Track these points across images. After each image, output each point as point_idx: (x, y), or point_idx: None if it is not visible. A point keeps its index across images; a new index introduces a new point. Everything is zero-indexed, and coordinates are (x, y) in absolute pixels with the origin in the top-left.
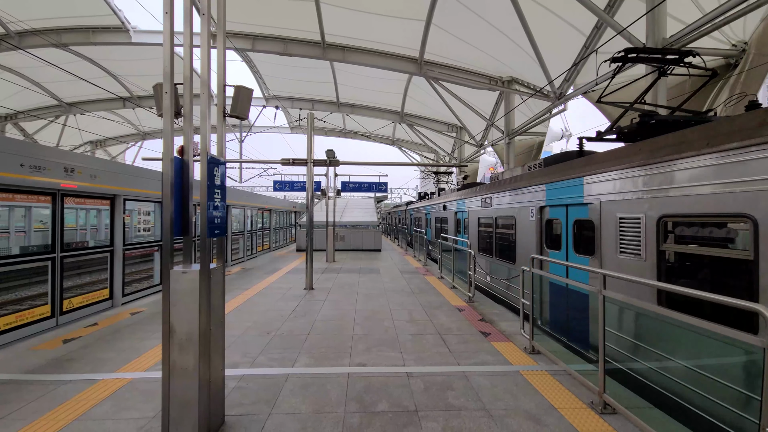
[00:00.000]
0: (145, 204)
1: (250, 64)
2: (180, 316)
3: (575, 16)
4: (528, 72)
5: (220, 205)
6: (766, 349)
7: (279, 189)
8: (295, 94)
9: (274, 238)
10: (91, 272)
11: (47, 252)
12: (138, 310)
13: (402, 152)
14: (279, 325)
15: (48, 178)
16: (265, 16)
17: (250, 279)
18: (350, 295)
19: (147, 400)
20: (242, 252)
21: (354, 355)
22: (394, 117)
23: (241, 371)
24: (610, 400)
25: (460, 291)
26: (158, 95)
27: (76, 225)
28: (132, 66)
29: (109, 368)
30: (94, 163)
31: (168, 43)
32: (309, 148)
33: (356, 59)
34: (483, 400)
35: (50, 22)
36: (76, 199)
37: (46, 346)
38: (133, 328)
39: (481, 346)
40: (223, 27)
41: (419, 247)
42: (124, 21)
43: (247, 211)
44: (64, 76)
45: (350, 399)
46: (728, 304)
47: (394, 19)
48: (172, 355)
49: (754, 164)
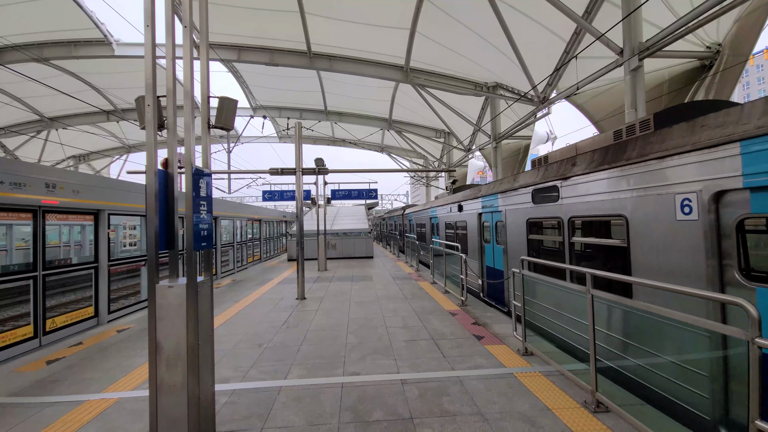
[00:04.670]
0: (130, 218)
1: (237, 74)
2: (167, 332)
3: (555, 23)
4: (512, 77)
5: (206, 217)
6: (751, 342)
7: (268, 199)
8: (283, 104)
9: (265, 249)
10: (75, 290)
11: (28, 270)
12: (125, 327)
13: (391, 159)
14: (271, 337)
15: (28, 195)
16: (251, 27)
17: (241, 291)
18: (343, 304)
19: (135, 420)
20: (232, 264)
21: (347, 364)
22: (382, 124)
23: (232, 386)
24: (602, 398)
25: (453, 295)
26: (140, 108)
27: (60, 242)
28: (115, 79)
29: (95, 388)
30: (77, 178)
31: (150, 56)
32: (297, 157)
33: (343, 68)
34: (478, 404)
35: (31, 36)
36: (58, 216)
37: (30, 368)
38: (120, 346)
39: (474, 350)
40: (206, 38)
41: (411, 253)
42: (107, 34)
43: (237, 222)
44: (45, 91)
45: (344, 409)
46: (713, 298)
47: (380, 28)
48: (160, 372)
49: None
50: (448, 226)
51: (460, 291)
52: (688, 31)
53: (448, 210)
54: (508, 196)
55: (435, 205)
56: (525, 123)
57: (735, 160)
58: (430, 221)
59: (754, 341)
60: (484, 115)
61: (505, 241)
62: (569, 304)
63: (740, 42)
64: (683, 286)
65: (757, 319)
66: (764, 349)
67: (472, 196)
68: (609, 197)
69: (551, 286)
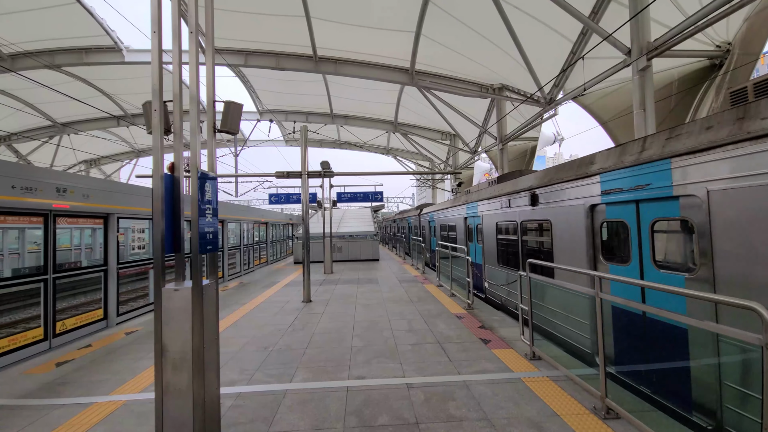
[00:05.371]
0: (139, 222)
1: (244, 79)
2: (173, 335)
3: (561, 24)
4: (518, 79)
5: (211, 221)
6: (765, 347)
7: (275, 202)
8: (289, 108)
9: (272, 252)
10: (85, 292)
11: (39, 273)
12: (133, 330)
13: (397, 161)
14: (277, 340)
15: (40, 199)
16: (257, 32)
17: (248, 293)
18: (348, 307)
19: (142, 423)
20: (239, 266)
21: (353, 367)
22: (387, 127)
23: (238, 389)
24: (612, 404)
25: (459, 298)
26: (147, 113)
27: (70, 245)
28: (126, 85)
29: (103, 391)
30: (87, 183)
31: (156, 62)
32: (303, 160)
33: (348, 71)
34: (484, 409)
35: (43, 44)
36: (69, 219)
37: (39, 370)
38: (128, 348)
39: (481, 354)
40: (212, 43)
41: (417, 256)
42: (117, 41)
43: (243, 225)
44: (57, 97)
45: (349, 413)
46: (727, 303)
47: (385, 31)
48: (166, 374)
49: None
50: (505, 230)
51: (467, 294)
52: (698, 30)
53: (504, 206)
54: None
55: (471, 201)
56: (531, 124)
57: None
58: (465, 223)
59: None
60: (490, 116)
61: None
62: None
63: (750, 40)
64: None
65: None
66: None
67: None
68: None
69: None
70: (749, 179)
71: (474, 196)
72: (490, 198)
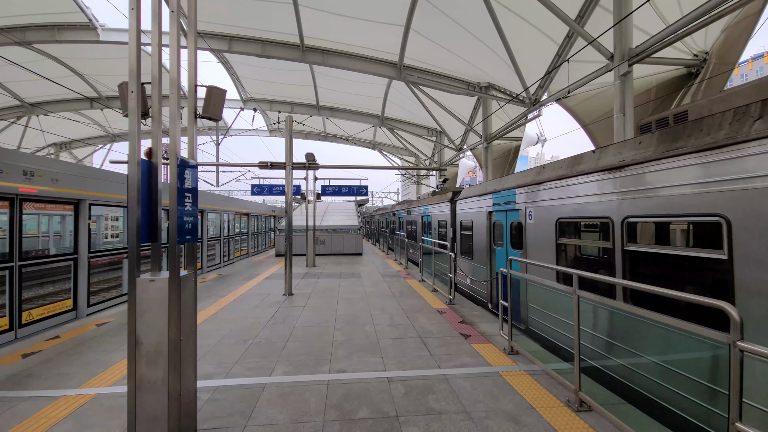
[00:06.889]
0: (113, 209)
1: (227, 65)
2: (148, 327)
3: (548, 26)
4: (505, 78)
5: (191, 210)
6: (732, 345)
7: (257, 193)
8: (274, 97)
9: (253, 243)
10: (54, 282)
11: (4, 261)
12: (105, 321)
13: (383, 156)
14: (256, 333)
15: (5, 182)
16: (243, 16)
17: (227, 285)
18: (331, 300)
19: (113, 417)
20: (219, 258)
21: (334, 361)
22: (374, 121)
23: (216, 382)
24: (585, 397)
25: (441, 293)
26: (123, 94)
27: (38, 232)
28: (100, 65)
29: (72, 384)
30: (57, 167)
31: (134, 40)
32: (288, 151)
33: (336, 63)
34: (463, 402)
35: (14, 19)
36: (36, 205)
37: (4, 361)
38: (99, 340)
39: (461, 349)
40: (194, 24)
41: (400, 251)
42: (92, 18)
43: (224, 215)
44: (27, 75)
45: (330, 407)
46: (695, 301)
47: (374, 23)
48: (140, 368)
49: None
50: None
51: (448, 289)
52: (678, 38)
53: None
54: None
55: (511, 186)
56: (516, 124)
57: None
58: (489, 218)
59: (735, 344)
60: (476, 115)
61: None
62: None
63: (727, 51)
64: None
65: (739, 323)
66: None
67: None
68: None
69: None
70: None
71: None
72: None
